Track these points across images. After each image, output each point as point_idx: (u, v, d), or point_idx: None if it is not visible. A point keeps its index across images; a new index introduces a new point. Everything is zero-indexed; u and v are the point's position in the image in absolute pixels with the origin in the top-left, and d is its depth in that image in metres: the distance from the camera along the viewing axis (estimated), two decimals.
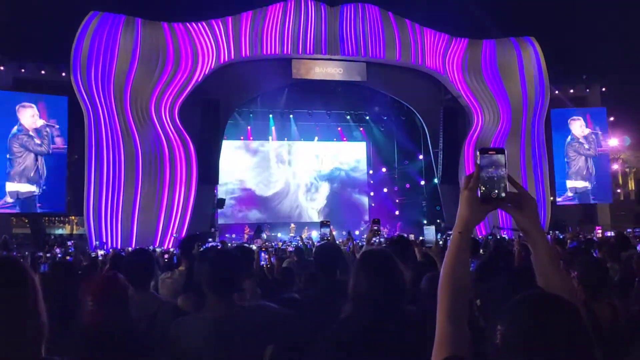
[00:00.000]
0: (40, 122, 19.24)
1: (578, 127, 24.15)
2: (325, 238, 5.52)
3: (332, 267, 3.57)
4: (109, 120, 18.71)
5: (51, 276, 3.96)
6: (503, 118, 22.72)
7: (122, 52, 19.06)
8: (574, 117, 24.15)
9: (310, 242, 12.59)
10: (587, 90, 25.19)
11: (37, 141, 19.19)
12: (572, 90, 24.99)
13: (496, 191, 1.52)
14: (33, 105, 19.12)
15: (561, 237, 12.90)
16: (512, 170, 21.51)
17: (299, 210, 26.70)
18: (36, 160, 19.18)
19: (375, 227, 4.91)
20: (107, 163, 18.66)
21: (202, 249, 5.57)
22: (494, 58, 22.98)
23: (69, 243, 12.46)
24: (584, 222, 21.99)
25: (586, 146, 24.02)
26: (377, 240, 6.10)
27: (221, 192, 23.87)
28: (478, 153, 1.57)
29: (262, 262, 4.47)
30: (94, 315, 2.41)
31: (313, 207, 26.95)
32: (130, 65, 19.04)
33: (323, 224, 5.55)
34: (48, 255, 11.82)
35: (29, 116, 19.11)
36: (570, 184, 23.76)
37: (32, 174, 19.11)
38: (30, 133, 19.09)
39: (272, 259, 5.14)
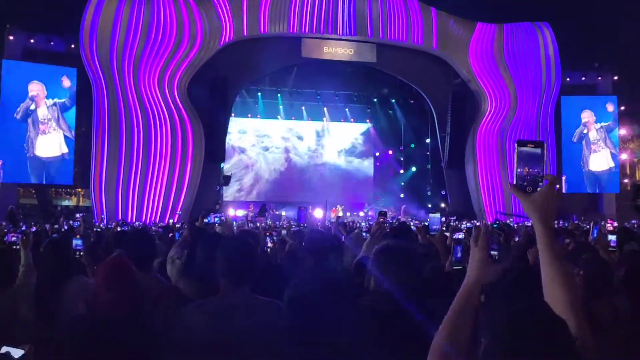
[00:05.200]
0: (49, 102, 19.33)
1: (589, 116, 24.09)
2: (302, 224, 5.49)
3: (324, 254, 3.54)
4: (116, 93, 18.67)
5: (46, 253, 3.96)
6: (514, 104, 22.55)
7: (133, 26, 18.92)
8: (586, 110, 24.05)
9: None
10: (599, 78, 24.93)
11: (48, 115, 19.30)
12: (583, 78, 24.75)
13: (530, 187, 1.48)
14: (42, 85, 19.23)
15: (566, 225, 12.87)
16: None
17: (302, 190, 26.69)
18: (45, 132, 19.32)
19: (382, 219, 4.89)
20: (115, 136, 18.66)
21: (205, 222, 5.56)
22: (508, 43, 22.71)
23: (77, 216, 12.47)
24: (589, 211, 21.91)
25: (597, 137, 24.03)
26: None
27: (227, 169, 23.89)
28: (516, 145, 1.51)
29: (267, 247, 4.47)
30: (106, 300, 2.43)
31: (316, 187, 26.93)
32: (140, 39, 18.92)
33: (300, 209, 5.52)
34: (56, 226, 11.92)
35: (37, 89, 19.16)
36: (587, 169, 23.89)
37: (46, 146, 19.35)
38: (40, 109, 19.21)
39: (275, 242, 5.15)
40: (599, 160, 24.11)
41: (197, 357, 2.40)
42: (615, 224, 11.80)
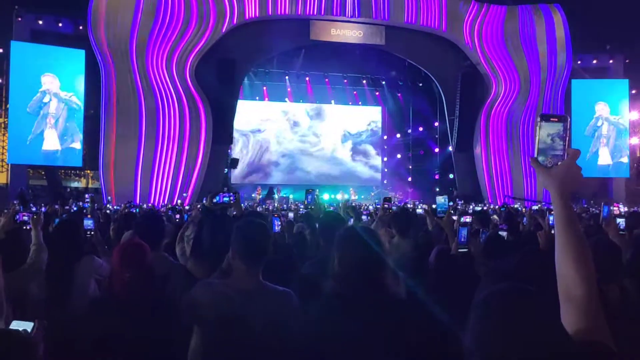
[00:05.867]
0: (64, 95, 19.53)
1: (602, 109, 24.01)
2: (310, 206, 5.49)
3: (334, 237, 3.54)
4: (125, 75, 18.65)
5: (57, 233, 4.00)
6: (523, 87, 22.36)
7: (142, 7, 18.80)
8: (600, 102, 23.93)
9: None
10: (611, 61, 24.66)
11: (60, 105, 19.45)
12: (595, 61, 24.50)
13: (551, 161, 1.44)
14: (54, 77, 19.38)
15: (575, 209, 12.83)
16: (529, 141, 21.48)
17: (310, 173, 26.71)
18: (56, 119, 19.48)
19: (386, 205, 4.90)
20: (124, 118, 18.67)
21: (214, 202, 5.57)
22: (518, 25, 22.47)
23: (86, 197, 12.53)
24: (598, 196, 21.81)
25: (607, 134, 23.97)
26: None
27: (234, 152, 23.92)
28: (539, 119, 1.46)
29: (276, 229, 4.48)
30: (122, 281, 2.46)
31: (324, 171, 26.94)
32: (148, 21, 18.84)
33: (308, 192, 5.51)
34: (66, 207, 12.01)
35: (49, 82, 19.32)
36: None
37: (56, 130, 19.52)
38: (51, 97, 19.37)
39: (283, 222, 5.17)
40: (606, 155, 24.05)
41: (204, 333, 2.41)
42: (622, 207, 11.73)
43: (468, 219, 5.81)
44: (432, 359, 2.26)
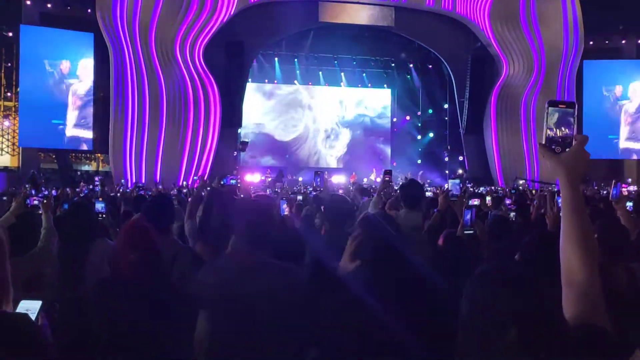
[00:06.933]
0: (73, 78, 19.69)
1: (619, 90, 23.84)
2: (318, 188, 5.51)
3: (340, 220, 3.58)
4: (134, 58, 18.66)
5: (69, 216, 4.04)
6: (535, 68, 22.12)
7: None
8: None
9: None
10: (623, 41, 24.31)
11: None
12: (607, 42, 24.15)
13: (559, 148, 1.46)
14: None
15: (584, 191, 12.77)
16: (540, 122, 21.27)
17: (318, 157, 26.69)
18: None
19: (387, 178, 4.91)
20: (132, 102, 18.75)
21: (221, 184, 5.61)
22: (529, 5, 22.12)
23: (96, 180, 12.64)
24: (608, 178, 21.61)
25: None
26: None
27: (243, 134, 23.90)
28: (547, 105, 1.49)
29: (284, 212, 4.50)
30: (128, 262, 2.48)
31: (332, 154, 26.91)
32: (156, 3, 18.78)
33: (316, 174, 5.52)
34: (77, 190, 12.14)
35: (62, 67, 19.54)
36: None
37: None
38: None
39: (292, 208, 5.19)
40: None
41: (210, 314, 2.42)
42: (631, 187, 11.64)
43: (476, 201, 5.82)
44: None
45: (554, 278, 1.47)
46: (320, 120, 26.97)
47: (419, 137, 27.11)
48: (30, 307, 2.01)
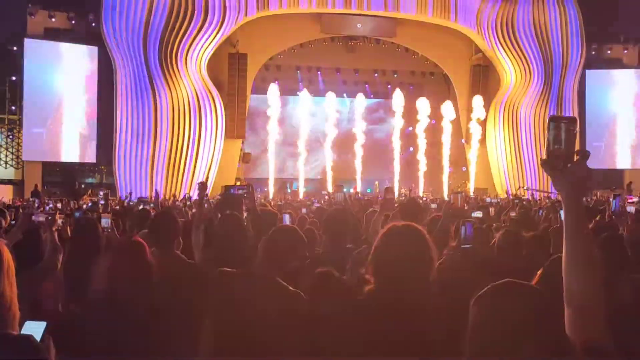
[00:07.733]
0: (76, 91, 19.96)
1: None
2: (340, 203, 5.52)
3: (340, 234, 3.62)
4: (138, 71, 18.74)
5: (75, 233, 4.05)
6: (536, 78, 22.12)
7: (152, 3, 18.87)
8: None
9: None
10: (625, 51, 24.34)
11: None
12: (609, 51, 24.18)
13: (561, 163, 1.46)
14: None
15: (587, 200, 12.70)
16: (541, 132, 21.26)
17: (323, 166, 26.63)
18: None
19: (390, 197, 4.89)
20: (136, 114, 18.81)
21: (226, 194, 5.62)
22: (530, 15, 22.16)
23: (100, 193, 12.66)
24: (606, 184, 21.52)
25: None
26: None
27: (247, 146, 23.93)
28: (548, 121, 1.48)
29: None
30: (116, 280, 2.49)
31: (337, 164, 26.84)
32: (160, 16, 18.88)
33: (338, 188, 5.53)
34: (81, 202, 12.16)
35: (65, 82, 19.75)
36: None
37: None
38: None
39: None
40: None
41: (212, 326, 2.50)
42: (635, 198, 11.57)
43: (479, 214, 5.81)
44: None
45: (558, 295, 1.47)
46: (325, 130, 26.92)
47: (422, 147, 27.02)
48: (35, 328, 2.02)
